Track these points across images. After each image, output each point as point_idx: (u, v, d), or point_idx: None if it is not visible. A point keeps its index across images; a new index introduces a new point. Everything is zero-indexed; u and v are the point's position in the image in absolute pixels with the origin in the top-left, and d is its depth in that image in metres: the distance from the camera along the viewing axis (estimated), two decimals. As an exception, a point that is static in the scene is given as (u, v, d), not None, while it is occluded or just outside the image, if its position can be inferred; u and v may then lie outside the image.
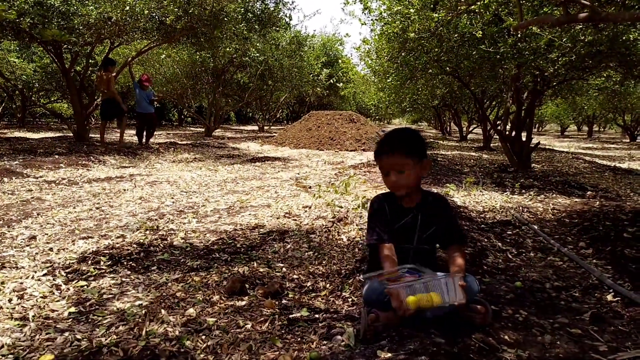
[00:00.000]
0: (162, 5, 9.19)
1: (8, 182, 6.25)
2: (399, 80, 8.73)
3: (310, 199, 5.28)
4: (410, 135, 2.29)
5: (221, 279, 2.71)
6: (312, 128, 15.07)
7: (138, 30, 9.98)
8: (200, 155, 10.87)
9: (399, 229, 2.32)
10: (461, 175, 8.26)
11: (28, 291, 2.53)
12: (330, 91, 30.35)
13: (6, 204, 4.90)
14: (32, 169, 7.24)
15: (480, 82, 10.40)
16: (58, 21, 8.52)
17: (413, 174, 2.23)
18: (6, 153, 8.82)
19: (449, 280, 2.02)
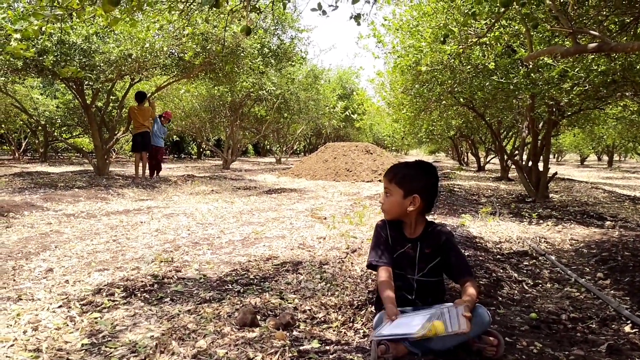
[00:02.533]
0: (180, 42, 9.44)
1: (28, 215, 6.37)
2: (413, 112, 8.79)
3: (325, 230, 5.29)
4: (403, 166, 2.43)
5: (233, 311, 2.71)
6: (328, 159, 15.15)
7: (158, 66, 10.24)
8: (217, 187, 10.96)
9: (400, 257, 2.38)
10: (478, 205, 8.20)
11: (43, 323, 2.56)
12: (346, 123, 30.57)
13: (25, 237, 4.99)
14: (52, 202, 7.37)
15: (496, 113, 10.41)
16: (80, 59, 8.78)
17: (395, 201, 2.35)
18: (28, 187, 9.01)
19: (452, 309, 2.03)
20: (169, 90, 16.61)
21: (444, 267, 2.36)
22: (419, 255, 2.36)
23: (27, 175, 11.64)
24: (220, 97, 17.56)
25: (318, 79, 21.54)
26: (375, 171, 14.03)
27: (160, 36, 9.18)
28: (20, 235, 5.08)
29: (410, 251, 2.38)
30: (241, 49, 10.20)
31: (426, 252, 2.35)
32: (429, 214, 2.49)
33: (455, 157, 33.17)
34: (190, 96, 18.15)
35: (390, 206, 2.40)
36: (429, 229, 2.41)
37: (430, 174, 2.38)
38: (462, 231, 5.25)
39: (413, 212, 2.36)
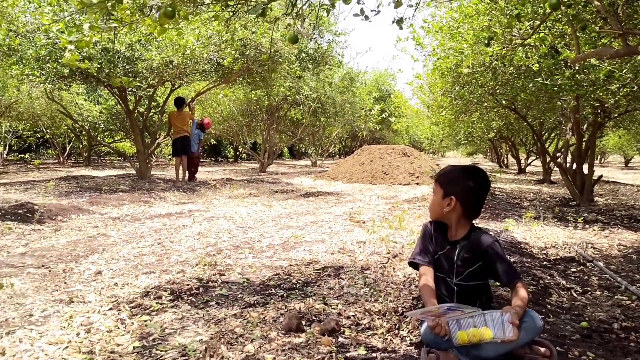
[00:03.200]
0: (220, 48, 9.58)
1: (76, 218, 6.57)
2: (453, 114, 8.69)
3: (365, 234, 5.27)
4: (450, 168, 2.47)
5: (278, 315, 2.74)
6: (365, 162, 15.11)
7: (197, 72, 10.43)
8: (255, 190, 11.07)
9: (440, 259, 2.40)
10: (520, 209, 8.05)
11: (95, 325, 2.63)
12: (383, 125, 30.44)
13: (74, 240, 5.15)
14: (97, 205, 7.58)
15: (538, 114, 10.20)
16: (123, 66, 9.01)
17: (435, 201, 2.42)
18: (74, 191, 9.28)
19: (498, 315, 2.00)
20: (208, 95, 16.88)
21: (490, 273, 2.33)
22: (457, 259, 2.36)
23: (72, 179, 12.00)
24: (257, 101, 17.74)
25: (354, 81, 21.52)
26: (413, 174, 13.92)
27: (200, 43, 9.33)
28: (69, 238, 5.24)
29: (450, 254, 2.38)
30: (279, 54, 10.29)
31: (465, 256, 2.34)
32: (474, 219, 2.47)
33: (494, 159, 32.61)
34: (228, 100, 18.40)
35: (431, 205, 2.47)
36: (472, 233, 2.39)
37: (474, 178, 2.37)
38: (506, 236, 5.16)
39: (451, 214, 2.37)
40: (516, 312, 2.01)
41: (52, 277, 3.69)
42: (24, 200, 7.42)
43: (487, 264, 2.30)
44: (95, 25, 1.97)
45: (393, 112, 27.81)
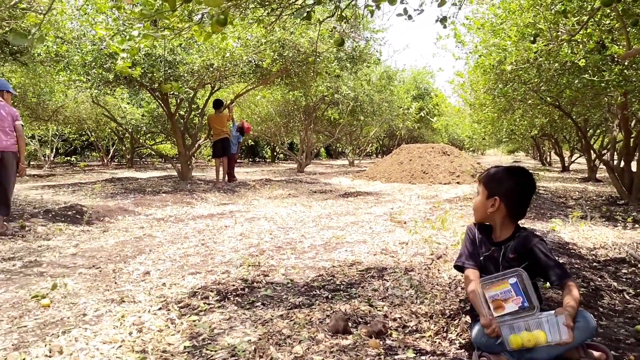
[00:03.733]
0: (259, 50, 9.67)
1: (122, 219, 6.74)
2: (495, 112, 8.53)
3: (407, 235, 5.23)
4: (494, 168, 2.43)
5: (324, 317, 2.75)
6: (403, 162, 14.99)
7: (236, 74, 10.55)
8: (294, 191, 11.13)
9: (486, 260, 2.38)
10: (566, 208, 7.84)
11: (146, 325, 2.70)
12: (421, 124, 30.13)
13: (122, 241, 5.29)
14: (142, 207, 7.77)
15: (583, 111, 9.91)
16: (165, 70, 9.20)
17: (479, 201, 2.40)
18: (119, 192, 9.54)
19: (552, 318, 1.96)
20: (246, 97, 17.06)
21: (539, 273, 2.28)
22: (502, 260, 2.33)
23: (117, 180, 12.34)
24: (295, 101, 17.83)
25: (392, 80, 21.38)
26: (453, 173, 13.73)
27: (240, 45, 9.45)
28: (117, 239, 5.38)
29: (495, 255, 2.36)
30: (317, 53, 10.31)
31: (510, 257, 2.31)
32: (519, 220, 2.43)
33: (536, 157, 31.88)
34: (265, 101, 18.56)
35: (475, 205, 2.45)
36: (517, 234, 2.35)
37: (518, 179, 2.33)
38: (553, 237, 5.04)
39: (495, 215, 2.35)
40: (569, 313, 1.96)
41: (102, 277, 3.80)
42: (73, 202, 7.66)
43: (534, 264, 2.26)
44: (148, 33, 2.02)
45: (432, 110, 27.46)
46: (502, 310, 2.09)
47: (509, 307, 2.07)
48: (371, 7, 2.70)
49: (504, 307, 2.09)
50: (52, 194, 9.27)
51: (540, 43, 5.14)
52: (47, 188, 10.30)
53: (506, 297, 2.09)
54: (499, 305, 2.10)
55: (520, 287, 2.08)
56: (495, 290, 2.12)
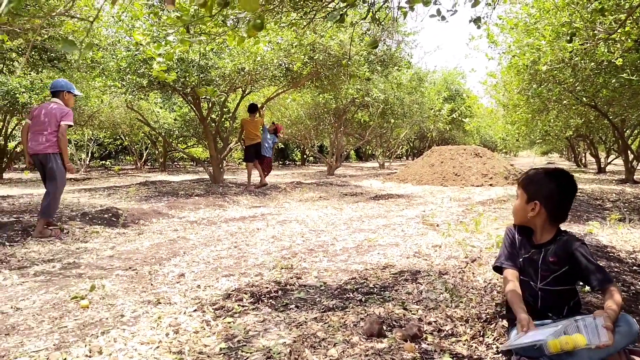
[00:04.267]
0: (289, 53, 9.73)
1: (156, 222, 6.85)
2: (529, 113, 8.37)
3: (440, 238, 5.18)
4: (534, 172, 2.40)
5: (358, 320, 2.74)
6: (435, 164, 14.85)
7: (267, 78, 10.63)
8: (324, 193, 11.13)
9: (525, 263, 2.35)
10: (603, 211, 7.65)
11: (182, 326, 2.73)
12: (452, 126, 29.83)
13: (156, 243, 5.38)
14: (175, 210, 7.88)
15: (620, 111, 9.65)
16: (198, 74, 9.33)
17: (519, 205, 2.38)
18: (153, 195, 9.70)
19: (591, 321, 1.91)
20: (276, 100, 17.17)
21: (580, 278, 2.23)
22: (542, 263, 2.29)
23: (150, 184, 12.55)
24: (325, 104, 17.86)
25: (423, 81, 21.23)
26: (486, 175, 13.54)
27: (271, 49, 9.52)
28: (152, 242, 5.47)
29: (534, 258, 2.32)
30: (347, 56, 10.31)
31: (550, 260, 2.26)
32: (560, 223, 2.38)
33: (570, 158, 31.21)
34: (296, 104, 18.64)
35: (515, 209, 2.43)
36: (558, 237, 2.30)
37: (558, 182, 2.28)
38: (590, 240, 4.91)
39: (535, 219, 2.32)
40: (609, 315, 1.91)
41: (139, 279, 3.87)
42: (109, 205, 7.83)
43: (574, 268, 2.21)
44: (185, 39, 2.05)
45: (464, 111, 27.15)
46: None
47: None
48: (404, 9, 2.69)
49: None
50: (88, 197, 9.49)
51: (576, 42, 5.03)
52: (83, 191, 10.55)
53: None
54: None
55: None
56: None
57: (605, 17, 4.31)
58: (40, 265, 4.38)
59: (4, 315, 3.06)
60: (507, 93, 8.70)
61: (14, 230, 5.70)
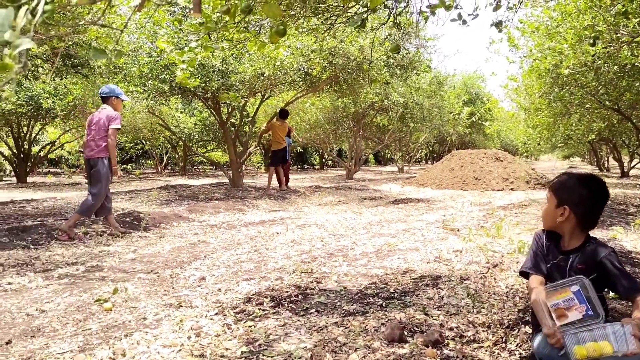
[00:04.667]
0: (309, 58, 9.76)
1: (177, 226, 6.92)
2: (551, 117, 8.28)
3: (460, 243, 5.14)
4: (565, 176, 2.36)
5: (379, 325, 2.73)
6: (455, 168, 14.76)
7: (287, 82, 10.68)
8: (343, 197, 11.13)
9: (552, 269, 2.30)
10: (627, 216, 7.52)
11: (204, 330, 2.75)
12: (472, 129, 29.60)
13: (177, 247, 5.43)
14: (196, 213, 7.94)
15: (645, 114, 9.50)
16: (218, 79, 9.41)
17: (548, 210, 2.33)
18: (173, 199, 9.79)
19: (619, 328, 1.87)
20: (295, 104, 17.24)
21: (608, 286, 2.20)
22: (570, 269, 2.25)
23: (171, 188, 12.69)
24: (344, 108, 17.87)
25: (442, 85, 21.13)
26: (506, 179, 13.40)
27: (290, 53, 9.56)
28: (173, 245, 5.53)
29: (562, 264, 2.28)
30: (367, 61, 10.31)
31: (578, 267, 2.23)
32: (590, 229, 2.34)
33: (593, 162, 30.77)
34: (314, 109, 18.68)
35: (544, 213, 2.38)
36: (587, 244, 2.27)
37: (589, 188, 2.25)
38: (614, 245, 4.83)
39: (564, 224, 2.28)
40: (637, 323, 1.88)
41: (160, 282, 3.91)
42: (130, 208, 7.92)
43: (603, 277, 2.18)
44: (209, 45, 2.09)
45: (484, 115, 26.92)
46: (565, 319, 2.02)
47: (572, 315, 2.00)
48: (425, 14, 2.68)
49: (567, 315, 2.02)
50: (110, 201, 9.61)
51: (598, 46, 4.97)
52: (106, 195, 10.69)
53: (569, 305, 2.02)
54: (561, 314, 2.03)
55: (583, 295, 2.00)
56: (557, 299, 2.05)
57: (628, 20, 4.24)
58: (64, 268, 4.45)
59: (30, 317, 3.12)
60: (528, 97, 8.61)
61: (38, 233, 5.80)
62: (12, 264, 4.56)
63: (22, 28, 0.74)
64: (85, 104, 14.96)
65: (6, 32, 0.72)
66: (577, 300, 2.01)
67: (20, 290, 3.74)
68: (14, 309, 3.28)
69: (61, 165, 26.30)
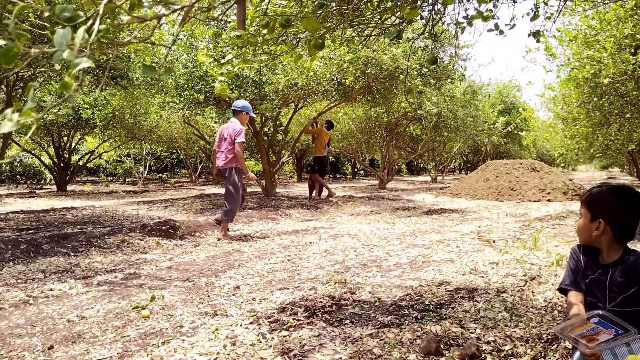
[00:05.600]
0: (342, 68, 9.80)
1: (211, 234, 7.01)
2: (590, 127, 8.10)
3: (497, 255, 5.06)
4: (598, 189, 2.30)
5: (414, 337, 2.71)
6: (489, 178, 14.54)
7: (319, 92, 10.74)
8: (376, 207, 11.08)
9: (591, 284, 2.24)
10: (671, 229, 7.27)
11: (239, 338, 2.78)
12: (508, 139, 29.14)
13: (212, 255, 5.49)
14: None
15: (689, 123, 9.19)
16: (252, 90, 9.53)
17: (582, 224, 2.27)
18: (207, 208, 9.93)
19: None
20: (328, 114, 17.31)
21: None
22: (610, 283, 2.19)
23: (205, 196, 12.86)
24: (377, 118, 17.84)
25: (476, 94, 20.89)
26: (543, 190, 13.14)
27: (323, 64, 9.62)
28: (207, 254, 5.60)
29: (601, 278, 2.22)
30: (400, 70, 10.29)
31: (619, 280, 2.16)
32: (628, 241, 2.28)
33: (633, 173, 29.89)
34: (347, 118, 18.71)
35: (579, 228, 2.32)
36: (626, 256, 2.21)
37: (624, 199, 2.20)
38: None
39: (601, 238, 2.22)
40: None
41: (196, 291, 3.96)
42: (166, 217, 8.06)
43: None
44: (248, 59, 2.13)
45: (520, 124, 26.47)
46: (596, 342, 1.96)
47: (602, 337, 1.95)
48: (462, 24, 2.67)
49: (598, 339, 1.96)
50: (146, 210, 9.81)
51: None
52: (142, 204, 10.91)
53: (595, 332, 1.97)
54: (591, 339, 1.98)
55: (607, 322, 1.95)
56: (580, 330, 2.00)
57: (672, 27, 4.14)
58: (103, 275, 4.56)
59: (71, 323, 3.20)
60: (566, 106, 8.44)
61: (77, 240, 5.95)
62: (54, 271, 4.69)
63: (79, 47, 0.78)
64: (123, 114, 15.34)
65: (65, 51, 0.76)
66: (603, 327, 1.96)
67: (61, 297, 3.85)
68: (56, 314, 3.38)
69: (99, 174, 26.99)
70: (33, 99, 0.73)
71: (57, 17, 0.85)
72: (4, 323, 3.22)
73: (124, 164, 24.01)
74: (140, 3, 1.21)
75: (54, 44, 0.78)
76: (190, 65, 9.52)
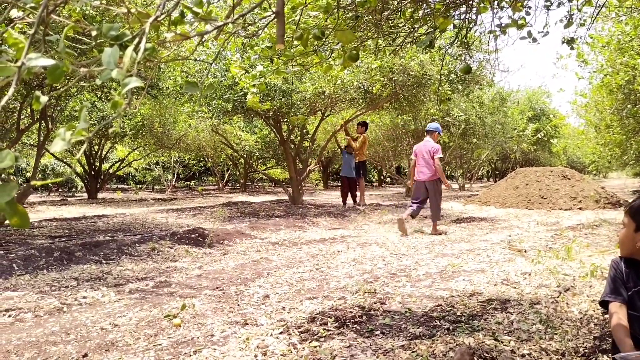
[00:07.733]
0: (369, 76, 9.80)
1: (240, 242, 7.05)
2: (623, 134, 7.92)
3: (529, 265, 4.97)
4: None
5: (447, 349, 2.67)
6: (519, 186, 14.31)
7: (346, 100, 10.76)
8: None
9: (634, 296, 2.21)
10: None
11: (270, 348, 2.78)
12: (537, 146, 28.67)
13: (241, 264, 5.52)
14: (257, 230, 8.07)
15: None
16: (280, 98, 9.59)
17: (626, 235, 2.24)
18: (235, 216, 10.00)
19: None
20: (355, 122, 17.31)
21: None
22: None
23: (233, 205, 12.96)
24: (404, 125, 17.77)
25: (505, 101, 20.64)
26: (575, 198, 12.87)
27: (350, 72, 9.63)
28: (236, 262, 5.63)
29: None
30: (427, 76, 10.24)
31: None
32: None
33: (668, 180, 29.10)
34: (374, 126, 18.68)
35: (622, 240, 2.29)
36: None
37: None
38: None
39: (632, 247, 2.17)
40: None
41: (226, 299, 3.98)
42: (195, 225, 8.15)
43: None
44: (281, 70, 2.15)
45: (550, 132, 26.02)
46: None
47: None
48: (496, 32, 2.65)
49: None
50: (175, 217, 9.93)
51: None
52: (171, 212, 11.05)
53: None
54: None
55: None
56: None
57: None
58: (134, 283, 4.62)
59: (104, 331, 3.25)
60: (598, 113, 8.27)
61: (109, 248, 6.06)
62: (86, 278, 4.78)
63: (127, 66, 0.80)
64: (152, 122, 15.59)
65: (114, 70, 0.78)
66: None
67: (94, 304, 3.91)
68: (89, 322, 3.43)
69: (128, 182, 27.44)
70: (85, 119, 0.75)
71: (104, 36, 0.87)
72: (40, 330, 3.29)
73: (152, 172, 24.40)
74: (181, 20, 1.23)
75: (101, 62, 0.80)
76: (219, 74, 9.64)
